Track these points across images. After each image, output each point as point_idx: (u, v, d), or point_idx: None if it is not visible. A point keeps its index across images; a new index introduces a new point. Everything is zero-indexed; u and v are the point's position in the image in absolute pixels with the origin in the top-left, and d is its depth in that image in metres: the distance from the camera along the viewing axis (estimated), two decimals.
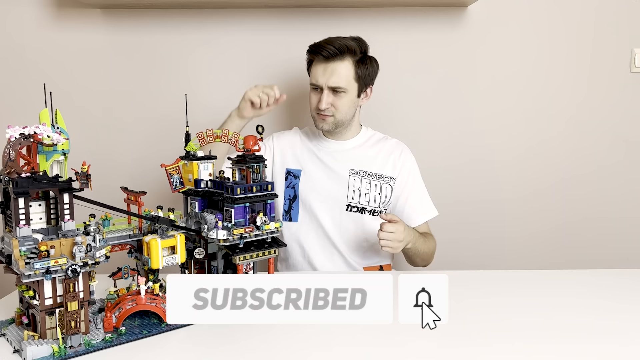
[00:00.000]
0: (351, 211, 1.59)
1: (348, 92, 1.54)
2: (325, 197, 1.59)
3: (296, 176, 1.62)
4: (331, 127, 1.58)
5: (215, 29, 1.90)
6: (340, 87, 1.52)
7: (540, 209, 2.02)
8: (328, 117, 1.55)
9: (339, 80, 1.51)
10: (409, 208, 1.62)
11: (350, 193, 1.59)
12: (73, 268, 0.92)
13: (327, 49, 1.50)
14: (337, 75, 1.51)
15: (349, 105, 1.56)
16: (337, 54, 1.50)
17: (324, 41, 1.53)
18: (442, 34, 1.91)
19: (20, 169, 0.92)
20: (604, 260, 2.00)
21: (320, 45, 1.52)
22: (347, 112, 1.57)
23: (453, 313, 1.13)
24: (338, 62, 1.51)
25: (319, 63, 1.53)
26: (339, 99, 1.54)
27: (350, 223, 1.59)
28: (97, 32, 1.89)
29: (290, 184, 1.62)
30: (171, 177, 1.21)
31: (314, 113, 1.58)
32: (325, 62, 1.52)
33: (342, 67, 1.52)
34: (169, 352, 0.98)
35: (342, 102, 1.54)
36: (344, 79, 1.52)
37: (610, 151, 2.00)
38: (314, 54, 1.54)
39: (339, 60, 1.51)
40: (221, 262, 1.21)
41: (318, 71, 1.53)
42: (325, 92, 1.52)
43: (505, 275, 1.43)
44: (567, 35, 1.94)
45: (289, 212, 1.63)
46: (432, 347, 0.98)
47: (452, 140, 1.98)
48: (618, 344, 0.98)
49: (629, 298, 1.22)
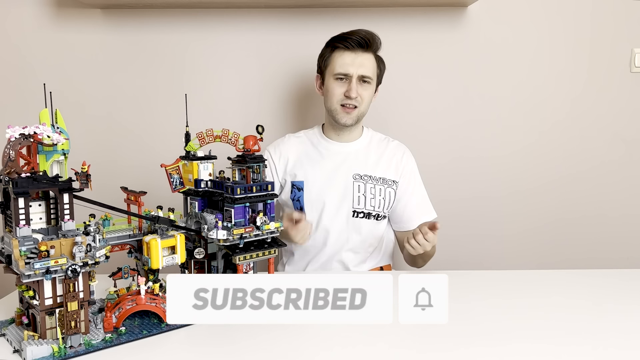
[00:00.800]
0: (357, 217, 1.57)
1: (372, 85, 1.55)
2: (331, 206, 1.57)
3: (299, 188, 1.59)
4: (354, 120, 1.56)
5: (216, 29, 1.90)
6: (370, 77, 1.53)
7: (540, 209, 2.02)
8: (353, 110, 1.54)
9: (368, 70, 1.52)
10: (410, 210, 1.62)
11: (355, 199, 1.57)
12: (73, 268, 0.92)
13: (357, 39, 1.50)
14: (366, 66, 1.52)
15: (370, 98, 1.57)
16: (367, 43, 1.51)
17: (349, 34, 1.53)
18: (442, 34, 1.91)
19: (20, 169, 0.92)
20: (603, 260, 2.01)
21: (347, 36, 1.52)
22: (367, 106, 1.58)
23: (453, 313, 1.13)
24: (365, 53, 1.53)
25: (345, 52, 1.52)
26: (365, 90, 1.54)
27: (357, 229, 1.58)
28: (97, 32, 1.90)
29: (295, 197, 1.59)
30: (171, 177, 1.21)
31: (337, 106, 1.55)
32: (353, 51, 1.51)
33: (368, 58, 1.53)
34: (169, 352, 0.98)
35: (367, 93, 1.55)
36: (372, 70, 1.54)
37: (609, 150, 2.00)
38: (342, 41, 1.52)
39: (365, 52, 1.52)
40: (221, 262, 1.21)
41: (346, 60, 1.52)
42: (354, 81, 1.51)
43: (504, 275, 1.43)
44: (567, 35, 1.94)
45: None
46: (432, 347, 0.98)
47: (452, 139, 1.98)
48: (618, 344, 0.98)
49: (629, 298, 1.22)
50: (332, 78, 1.55)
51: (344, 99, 1.53)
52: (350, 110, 1.54)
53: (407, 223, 1.62)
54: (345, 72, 1.52)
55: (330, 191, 1.57)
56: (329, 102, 1.57)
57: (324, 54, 1.58)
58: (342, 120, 1.55)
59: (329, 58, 1.56)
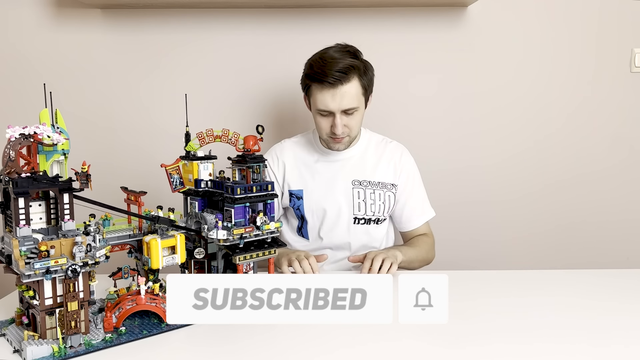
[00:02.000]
0: (358, 224, 1.57)
1: (359, 109, 1.49)
2: (332, 214, 1.56)
3: (299, 197, 1.57)
4: (346, 145, 1.54)
5: (215, 29, 1.90)
6: (353, 108, 1.46)
7: (541, 209, 2.02)
8: (343, 139, 1.51)
9: (351, 101, 1.44)
10: (408, 210, 1.61)
11: (355, 206, 1.56)
12: (73, 268, 0.92)
13: (333, 76, 1.40)
14: (348, 98, 1.44)
15: (360, 120, 1.53)
16: (344, 77, 1.41)
17: (324, 67, 1.42)
18: (442, 34, 1.91)
19: (20, 169, 0.92)
20: (603, 261, 2.01)
21: (323, 72, 1.42)
22: (359, 126, 1.54)
23: (453, 313, 1.13)
24: (346, 85, 1.43)
25: (324, 89, 1.44)
26: (352, 119, 1.48)
27: (358, 235, 1.58)
28: (97, 32, 1.90)
29: (295, 206, 1.58)
30: (171, 177, 1.21)
31: (326, 137, 1.52)
32: (333, 87, 1.42)
33: (350, 87, 1.44)
34: (169, 352, 0.98)
35: (355, 120, 1.49)
36: (355, 98, 1.45)
37: (610, 151, 2.00)
38: (317, 81, 1.44)
39: (346, 83, 1.43)
40: (221, 262, 1.21)
41: (326, 98, 1.44)
42: (338, 116, 1.45)
43: (504, 275, 1.43)
44: (567, 35, 1.94)
45: (300, 230, 1.60)
46: (432, 347, 0.98)
47: (452, 140, 1.98)
48: (618, 344, 0.98)
49: (629, 298, 1.22)
50: (316, 111, 1.50)
51: (331, 133, 1.49)
52: (340, 140, 1.50)
53: (407, 223, 1.62)
54: (327, 110, 1.45)
55: (330, 199, 1.56)
56: (318, 131, 1.55)
57: (304, 82, 1.52)
58: (334, 147, 1.54)
59: (309, 90, 1.50)
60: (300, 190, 1.57)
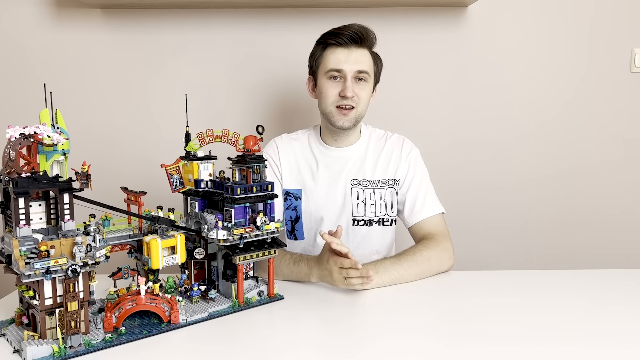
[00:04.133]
0: (358, 225, 1.51)
1: (369, 82, 1.45)
2: (330, 216, 1.50)
3: (296, 197, 1.52)
4: (352, 122, 1.46)
5: (215, 29, 1.90)
6: (367, 72, 1.43)
7: (541, 208, 2.02)
8: (350, 110, 1.43)
9: (364, 64, 1.42)
10: (410, 201, 1.51)
11: (355, 207, 1.50)
12: (73, 268, 0.92)
13: (350, 31, 1.40)
14: (361, 61, 1.42)
15: (368, 97, 1.47)
16: (360, 38, 1.41)
17: (340, 29, 1.43)
18: (442, 34, 1.91)
19: (21, 169, 0.92)
20: (604, 260, 2.01)
21: (338, 32, 1.42)
22: (366, 105, 1.48)
23: (453, 313, 1.13)
24: (359, 49, 1.43)
25: (338, 49, 1.42)
26: (362, 89, 1.44)
27: (358, 237, 1.51)
28: (97, 32, 1.90)
29: (291, 206, 1.52)
30: (171, 177, 1.21)
31: (332, 108, 1.44)
32: (347, 47, 1.41)
33: (363, 53, 1.44)
34: (169, 352, 0.98)
35: (365, 91, 1.44)
36: (368, 65, 1.44)
37: (610, 151, 2.00)
38: (333, 37, 1.42)
39: (359, 47, 1.43)
40: (221, 262, 1.21)
41: (340, 57, 1.41)
42: (349, 78, 1.41)
43: (504, 275, 1.43)
44: (567, 35, 1.94)
45: (292, 232, 1.54)
46: (432, 347, 0.98)
47: (452, 140, 1.98)
48: (619, 345, 0.98)
49: (629, 298, 1.22)
50: (325, 77, 1.45)
51: (339, 100, 1.43)
52: (347, 112, 1.43)
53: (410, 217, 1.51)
54: (339, 69, 1.41)
55: (330, 201, 1.51)
56: (323, 104, 1.47)
57: (315, 53, 1.49)
58: (339, 122, 1.45)
59: (321, 56, 1.46)
60: (298, 190, 1.53)
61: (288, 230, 1.55)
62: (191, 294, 1.16)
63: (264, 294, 1.21)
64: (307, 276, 1.30)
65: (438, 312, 1.16)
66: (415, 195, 1.51)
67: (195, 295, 1.16)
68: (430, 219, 1.50)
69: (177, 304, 1.08)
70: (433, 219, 1.50)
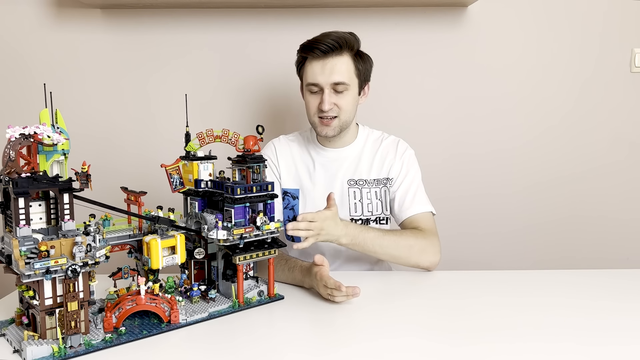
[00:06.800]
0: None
1: (350, 89, 1.43)
2: None
3: (294, 197, 1.52)
4: (336, 131, 1.46)
5: (215, 28, 1.90)
6: (343, 82, 1.40)
7: (541, 209, 2.02)
8: (332, 120, 1.43)
9: (340, 75, 1.40)
10: (400, 197, 1.51)
11: (352, 206, 1.50)
12: (73, 268, 0.92)
13: (324, 43, 1.38)
14: (338, 71, 1.39)
15: (352, 103, 1.45)
16: (336, 47, 1.38)
17: (317, 37, 1.41)
18: (442, 34, 1.91)
19: (21, 169, 0.92)
20: (603, 261, 2.01)
21: (315, 40, 1.40)
22: (351, 111, 1.46)
23: (453, 313, 1.13)
24: (337, 57, 1.40)
25: (315, 60, 1.41)
26: (342, 98, 1.42)
27: None
28: (97, 32, 1.90)
29: (289, 205, 1.52)
30: (171, 177, 1.21)
31: (315, 118, 1.45)
32: (322, 58, 1.39)
33: (341, 62, 1.40)
34: (169, 352, 0.98)
35: (345, 100, 1.43)
36: (346, 74, 1.41)
37: (610, 151, 2.00)
38: (309, 50, 1.41)
39: (337, 55, 1.39)
40: (221, 262, 1.21)
41: (315, 69, 1.41)
42: (326, 91, 1.40)
43: (504, 275, 1.43)
44: (567, 35, 1.94)
45: None
46: (432, 346, 0.98)
47: (451, 140, 1.98)
48: (618, 344, 0.98)
49: (629, 298, 1.22)
50: (306, 89, 1.46)
51: (319, 112, 1.43)
52: (329, 122, 1.44)
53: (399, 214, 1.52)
54: (315, 82, 1.41)
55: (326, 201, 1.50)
56: (307, 114, 1.49)
57: (298, 63, 1.50)
58: (323, 132, 1.46)
59: (302, 68, 1.47)
60: (296, 190, 1.54)
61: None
62: (191, 294, 1.16)
63: (264, 294, 1.21)
64: (301, 283, 1.31)
65: (438, 312, 1.15)
66: (406, 192, 1.52)
67: (195, 295, 1.16)
68: (420, 215, 1.50)
69: (177, 304, 1.08)
70: (423, 216, 1.50)
